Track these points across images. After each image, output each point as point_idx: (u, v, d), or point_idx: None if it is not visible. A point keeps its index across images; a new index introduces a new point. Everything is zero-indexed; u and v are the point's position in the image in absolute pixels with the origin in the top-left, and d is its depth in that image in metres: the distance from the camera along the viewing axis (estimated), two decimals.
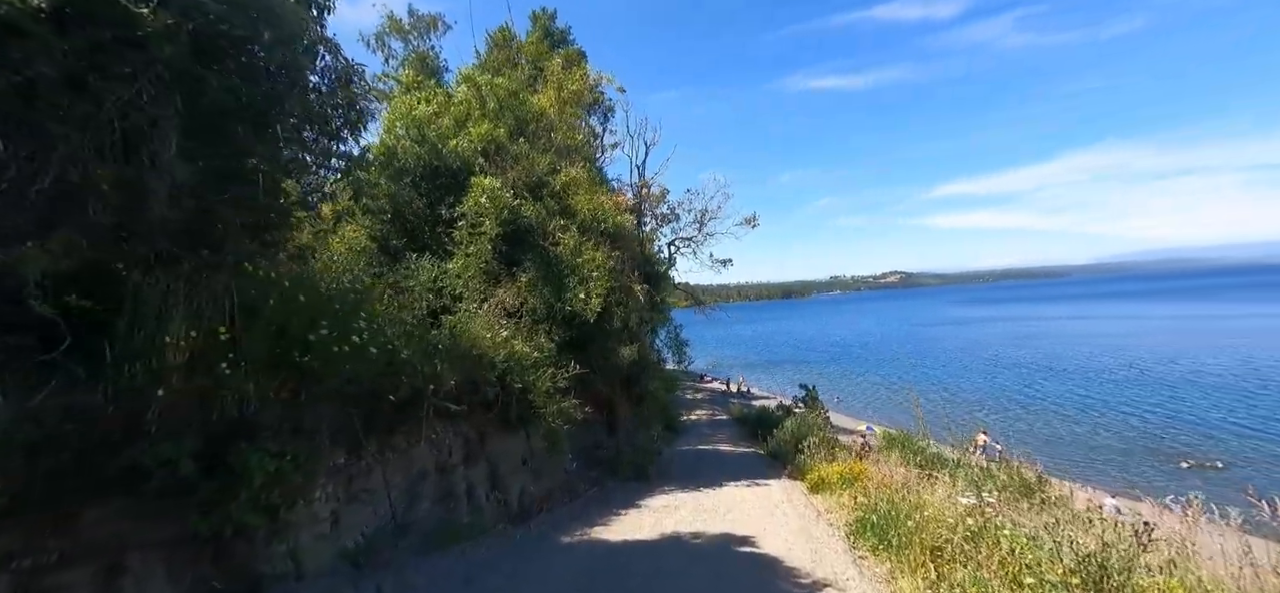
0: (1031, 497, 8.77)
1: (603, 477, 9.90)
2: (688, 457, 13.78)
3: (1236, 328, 58.18)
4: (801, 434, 13.34)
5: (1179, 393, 32.04)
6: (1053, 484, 12.39)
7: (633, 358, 9.48)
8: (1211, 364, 38.91)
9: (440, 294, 9.00)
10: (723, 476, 10.19)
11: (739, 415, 23.00)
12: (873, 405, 34.10)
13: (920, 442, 13.42)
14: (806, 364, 55.17)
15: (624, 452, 10.52)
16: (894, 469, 8.39)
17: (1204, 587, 2.77)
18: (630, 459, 10.50)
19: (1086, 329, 70.30)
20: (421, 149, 10.41)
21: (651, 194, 29.65)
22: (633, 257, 10.90)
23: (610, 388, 10.04)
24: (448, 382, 6.09)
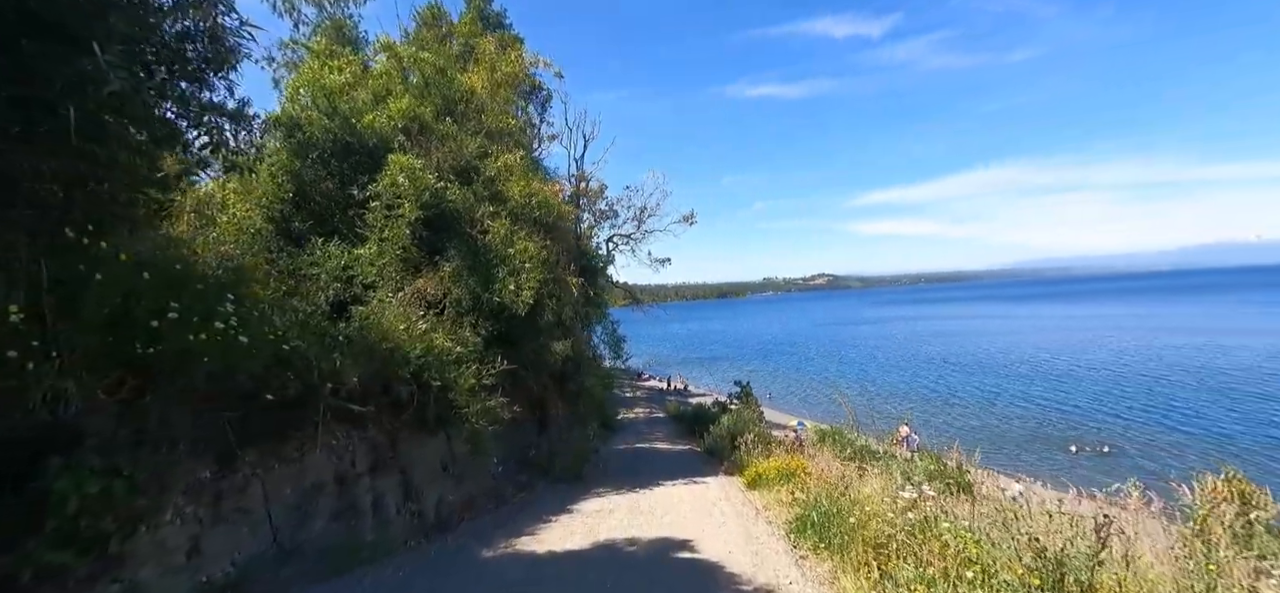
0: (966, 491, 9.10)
1: (533, 480, 9.29)
2: (625, 456, 13.39)
3: (1108, 326, 65.76)
4: (737, 431, 13.31)
5: (1065, 385, 35.53)
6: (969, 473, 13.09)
7: (566, 354, 8.94)
8: (1090, 359, 43.59)
9: (350, 283, 8.04)
10: (660, 475, 9.87)
11: (676, 413, 22.95)
12: (803, 401, 35.33)
13: (850, 435, 13.79)
14: (741, 362, 56.60)
15: (557, 453, 9.95)
16: (830, 464, 8.40)
17: (1152, 581, 2.71)
18: (564, 461, 9.95)
19: (988, 328, 76.93)
20: (331, 122, 9.32)
21: (590, 189, 29.10)
22: (568, 249, 10.36)
23: (542, 386, 9.45)
24: (350, 379, 5.32)
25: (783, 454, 9.86)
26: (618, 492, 8.62)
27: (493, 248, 8.87)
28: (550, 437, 9.98)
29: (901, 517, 4.42)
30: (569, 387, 9.78)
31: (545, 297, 8.83)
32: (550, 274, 8.98)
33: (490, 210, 9.25)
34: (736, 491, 8.42)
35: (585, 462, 10.34)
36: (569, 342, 9.11)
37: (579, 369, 9.93)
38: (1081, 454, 21.66)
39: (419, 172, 8.41)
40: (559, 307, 9.16)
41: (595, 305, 12.62)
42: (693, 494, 8.22)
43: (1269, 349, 42.12)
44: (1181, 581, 2.62)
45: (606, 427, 17.90)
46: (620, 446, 15.71)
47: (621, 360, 21.71)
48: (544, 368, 9.13)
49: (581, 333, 10.69)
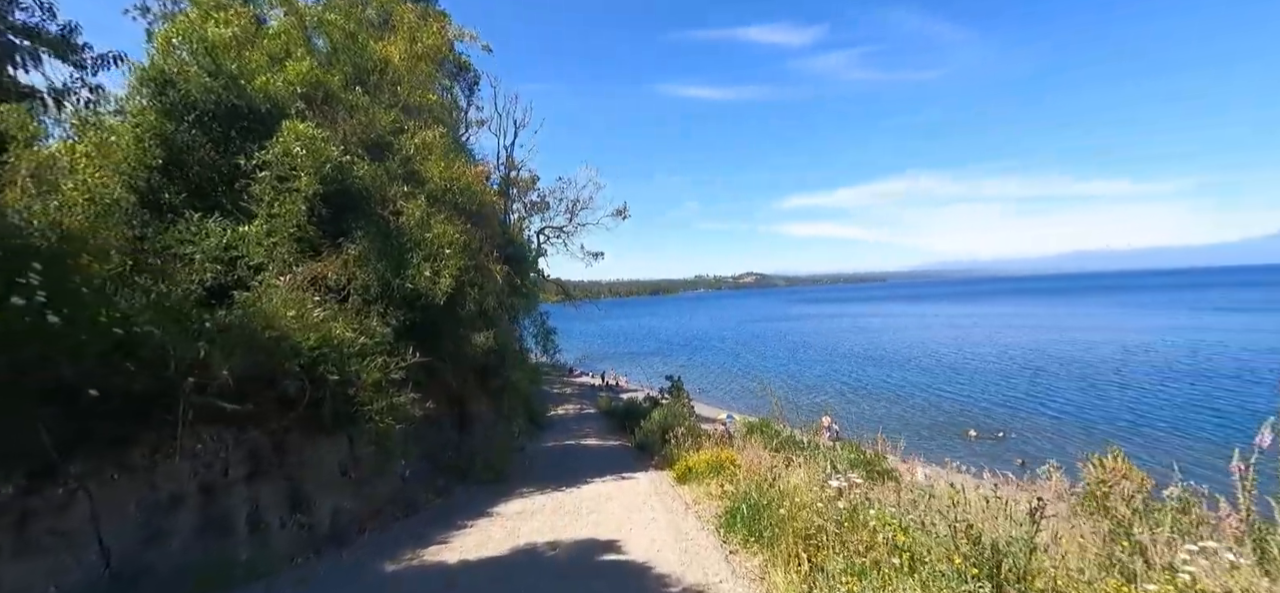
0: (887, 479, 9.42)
1: (451, 483, 8.62)
2: (553, 454, 12.90)
3: (998, 324, 72.91)
4: (668, 425, 13.21)
5: (961, 377, 38.85)
6: (887, 460, 13.76)
7: (489, 347, 8.34)
8: (981, 352, 48.02)
9: (233, 264, 7.01)
10: (589, 472, 9.50)
11: (607, 408, 22.64)
12: (731, 395, 36.22)
13: (776, 427, 14.08)
14: (673, 357, 57.31)
15: (478, 452, 9.31)
16: (759, 455, 8.41)
17: (1079, 565, 2.73)
18: (485, 460, 9.33)
19: (897, 324, 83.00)
20: (214, 81, 8.12)
21: (521, 179, 28.13)
22: (493, 236, 9.70)
23: (462, 380, 8.78)
24: (220, 372, 4.53)
25: (713, 447, 9.82)
26: (543, 491, 8.16)
27: (407, 231, 8.11)
28: (471, 435, 9.32)
29: (830, 507, 4.34)
30: (492, 382, 9.16)
31: (466, 285, 8.18)
32: (472, 261, 8.34)
33: (405, 190, 8.46)
34: (666, 485, 8.23)
35: (509, 461, 9.77)
36: (492, 334, 8.51)
37: (504, 363, 9.33)
38: (978, 440, 23.65)
39: (319, 142, 7.50)
40: (482, 296, 8.53)
41: (523, 297, 11.95)
42: (622, 491, 7.93)
43: (1127, 343, 48.37)
44: (1104, 559, 2.66)
45: (535, 424, 17.26)
46: (549, 443, 15.17)
47: (551, 355, 21.11)
48: (464, 361, 8.48)
49: (507, 325, 10.07)
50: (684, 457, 9.09)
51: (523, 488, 8.50)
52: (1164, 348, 44.15)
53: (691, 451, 9.59)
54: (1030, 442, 23.64)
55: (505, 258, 10.49)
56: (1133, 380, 33.30)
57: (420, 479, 8.26)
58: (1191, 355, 40.47)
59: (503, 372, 9.28)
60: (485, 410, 10.00)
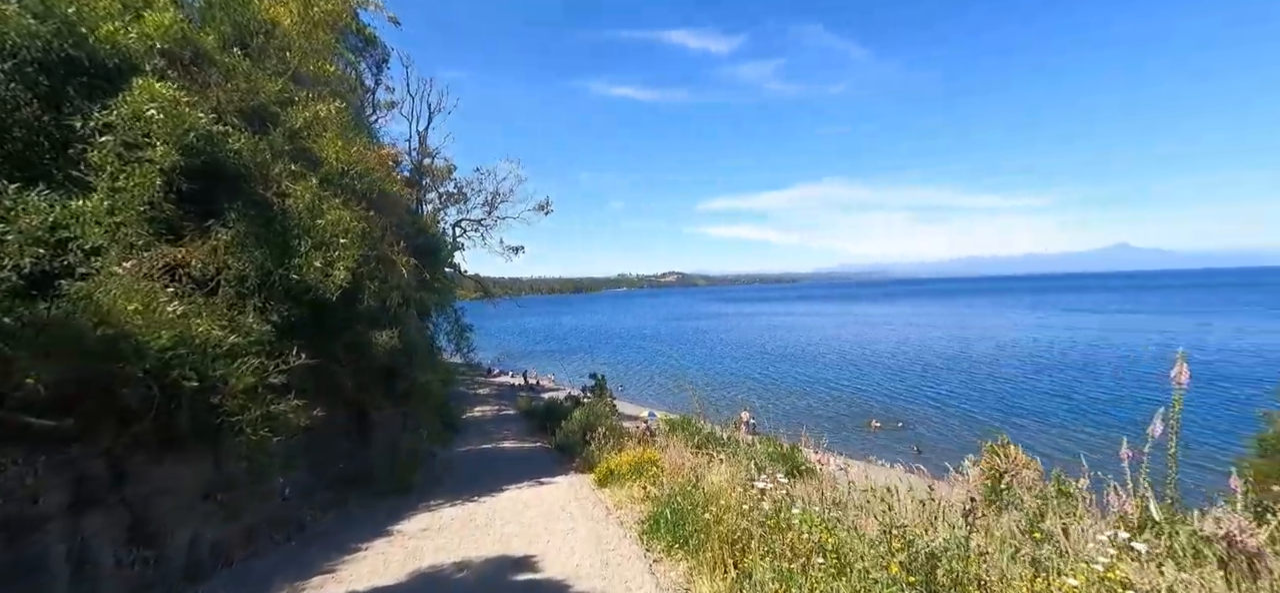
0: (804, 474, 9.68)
1: (346, 497, 7.74)
2: (467, 459, 12.12)
3: (897, 322, 79.73)
4: (590, 424, 12.89)
5: (863, 371, 41.97)
6: (802, 454, 14.30)
7: (393, 346, 7.54)
8: (881, 348, 52.20)
9: (63, 247, 5.77)
10: (504, 478, 8.96)
11: (527, 409, 21.89)
12: (654, 392, 36.54)
13: (698, 423, 14.20)
14: (596, 355, 56.97)
15: (381, 463, 8.45)
16: (681, 454, 8.31)
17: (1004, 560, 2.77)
18: (389, 471, 8.49)
19: (807, 323, 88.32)
20: (42, 25, 6.68)
21: (435, 168, 26.51)
22: (400, 224, 8.85)
23: (362, 384, 7.89)
24: (23, 380, 3.61)
25: (635, 447, 9.64)
26: (454, 503, 7.53)
27: (294, 215, 7.13)
28: (373, 444, 8.43)
29: (755, 508, 4.24)
30: (397, 384, 8.33)
31: (366, 278, 7.33)
32: (373, 252, 7.50)
33: (293, 170, 7.45)
34: (587, 490, 7.90)
35: (417, 470, 8.97)
36: (397, 332, 7.70)
37: (411, 363, 8.51)
38: (880, 431, 25.49)
39: (181, 105, 6.37)
40: (384, 291, 7.70)
41: (435, 292, 11.02)
42: (540, 498, 7.49)
43: (1001, 340, 54.63)
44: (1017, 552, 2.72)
45: (449, 428, 16.24)
46: (463, 448, 14.30)
47: (465, 354, 20.03)
48: (364, 363, 7.61)
49: (416, 323, 9.23)
50: (605, 458, 8.82)
51: (431, 500, 7.81)
52: (1029, 344, 50.47)
53: (613, 451, 9.35)
54: (924, 431, 25.87)
55: (414, 250, 9.64)
56: (1004, 373, 37.65)
57: (309, 496, 7.32)
58: (1048, 351, 46.58)
59: (409, 373, 8.47)
60: (390, 416, 9.10)
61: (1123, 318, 73.27)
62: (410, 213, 8.92)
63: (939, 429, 25.52)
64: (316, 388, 7.21)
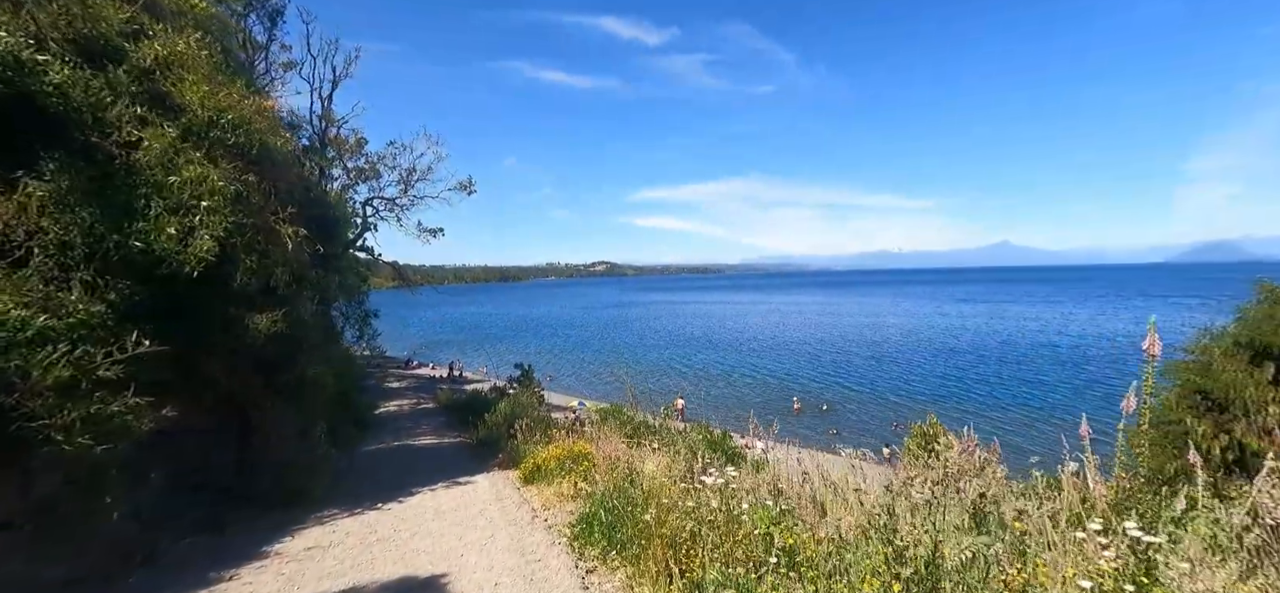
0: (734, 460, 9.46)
1: (221, 514, 6.50)
2: (377, 459, 10.92)
3: (815, 312, 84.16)
4: (515, 416, 12.09)
5: (781, 356, 43.80)
6: (732, 440, 14.28)
7: (275, 332, 6.37)
8: (799, 336, 54.79)
9: None
10: (417, 479, 8.01)
11: (447, 402, 20.52)
12: (583, 381, 35.90)
13: (630, 412, 13.78)
14: (523, 344, 55.25)
15: (266, 469, 7.21)
16: (615, 445, 7.80)
17: None
18: (276, 480, 7.27)
19: (729, 312, 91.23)
20: None
21: (342, 139, 24.02)
22: (289, 189, 7.54)
23: (241, 377, 6.64)
24: None
25: (564, 439, 9.01)
26: (354, 512, 6.55)
27: (141, 170, 5.78)
28: (254, 448, 7.17)
29: (702, 506, 3.80)
30: (282, 377, 7.11)
31: (241, 251, 6.12)
32: (250, 220, 6.28)
33: (138, 113, 6.05)
34: (511, 489, 7.19)
35: (314, 476, 7.78)
36: (281, 315, 6.52)
37: (300, 353, 7.30)
38: (804, 413, 26.52)
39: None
40: (266, 267, 6.50)
41: (336, 273, 9.56)
42: (455, 501, 6.69)
43: (904, 327, 59.08)
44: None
45: (358, 425, 14.72)
46: (374, 446, 12.97)
47: (366, 342, 18.33)
48: (239, 352, 6.38)
49: (310, 306, 7.97)
50: (531, 453, 8.12)
51: (327, 511, 6.75)
52: (928, 331, 55.08)
53: (540, 445, 8.67)
54: (847, 412, 27.22)
55: (309, 223, 8.35)
56: (907, 357, 40.72)
57: (177, 516, 6.05)
58: (944, 335, 51.10)
59: (298, 364, 7.26)
60: (279, 415, 7.82)
61: (1007, 307, 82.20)
62: (317, 186, 7.60)
63: (856, 410, 26.97)
64: (182, 384, 5.96)
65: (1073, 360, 37.28)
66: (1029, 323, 58.72)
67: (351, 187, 25.74)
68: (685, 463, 5.68)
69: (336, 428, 12.56)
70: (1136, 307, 75.94)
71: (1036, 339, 46.75)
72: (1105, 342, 44.44)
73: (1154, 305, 74.72)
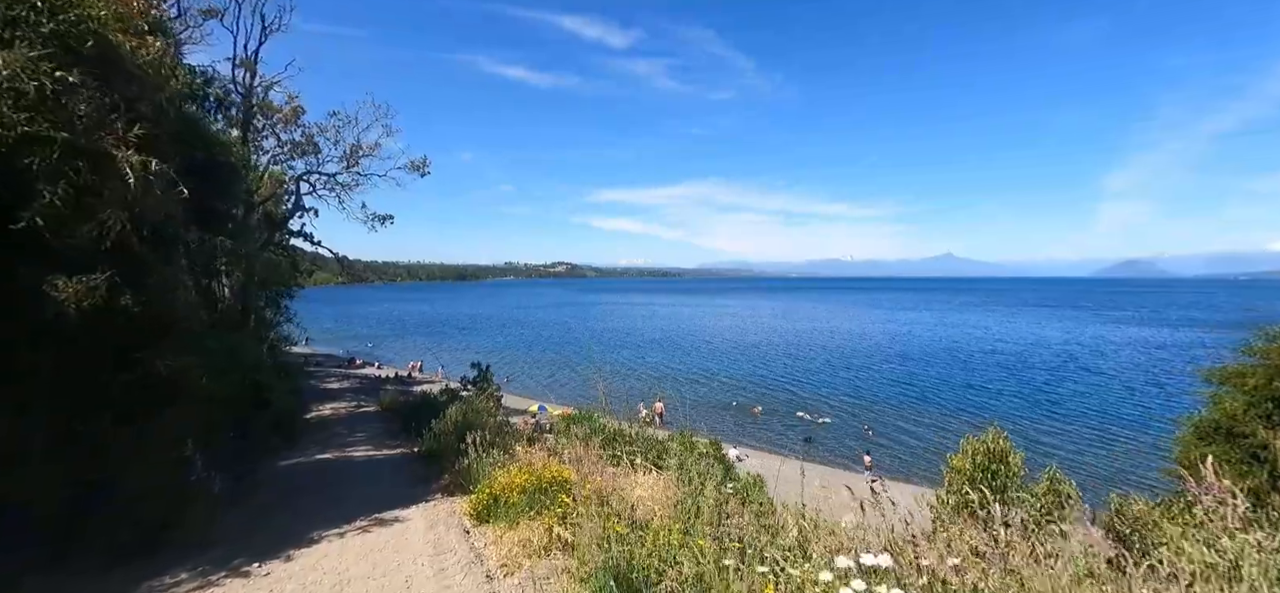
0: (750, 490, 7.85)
1: (24, 565, 4.34)
2: (289, 479, 8.69)
3: (772, 316, 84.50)
4: (468, 424, 10.10)
5: (741, 359, 43.00)
6: (725, 451, 12.66)
7: (99, 301, 4.25)
8: (755, 340, 54.29)
9: None
10: (331, 512, 5.96)
11: (391, 406, 18.10)
12: (544, 384, 33.67)
13: (599, 419, 11.95)
14: (478, 343, 52.19)
15: (111, 504, 5.03)
16: (595, 465, 5.98)
17: None
18: (128, 515, 5.10)
19: (691, 313, 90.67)
20: None
21: (275, 107, 21.11)
22: (154, 111, 5.36)
23: (53, 369, 4.48)
24: None
25: (529, 454, 7.15)
26: (221, 570, 4.51)
27: None
28: (102, 469, 4.97)
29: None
30: (133, 374, 4.95)
31: (38, 178, 4.01)
32: (59, 133, 4.16)
33: None
34: (456, 532, 5.25)
35: (179, 509, 5.61)
36: (109, 276, 4.38)
37: (157, 336, 5.14)
38: (761, 416, 25.54)
39: None
40: (94, 208, 4.39)
41: (227, 234, 7.16)
42: (372, 560, 4.69)
43: (854, 330, 59.82)
44: None
45: (279, 433, 12.28)
46: (295, 459, 10.64)
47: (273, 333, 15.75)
48: (44, 334, 4.22)
49: (178, 276, 5.78)
50: (488, 476, 6.22)
51: (188, 564, 4.67)
52: (878, 335, 55.95)
53: (500, 464, 6.76)
54: (822, 417, 26.22)
55: (189, 166, 6.16)
56: (855, 361, 40.82)
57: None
58: (893, 341, 51.98)
59: (157, 355, 5.10)
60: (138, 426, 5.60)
61: (954, 315, 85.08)
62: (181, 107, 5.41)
63: (835, 417, 26.07)
64: None
65: (1017, 366, 38.21)
66: (975, 330, 60.70)
67: (285, 161, 22.84)
68: (712, 503, 3.99)
69: (248, 438, 10.19)
70: (1069, 317, 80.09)
71: (984, 346, 48.11)
72: (1044, 348, 46.12)
73: (1085, 317, 79.08)
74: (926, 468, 20.36)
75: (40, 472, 4.48)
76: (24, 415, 4.49)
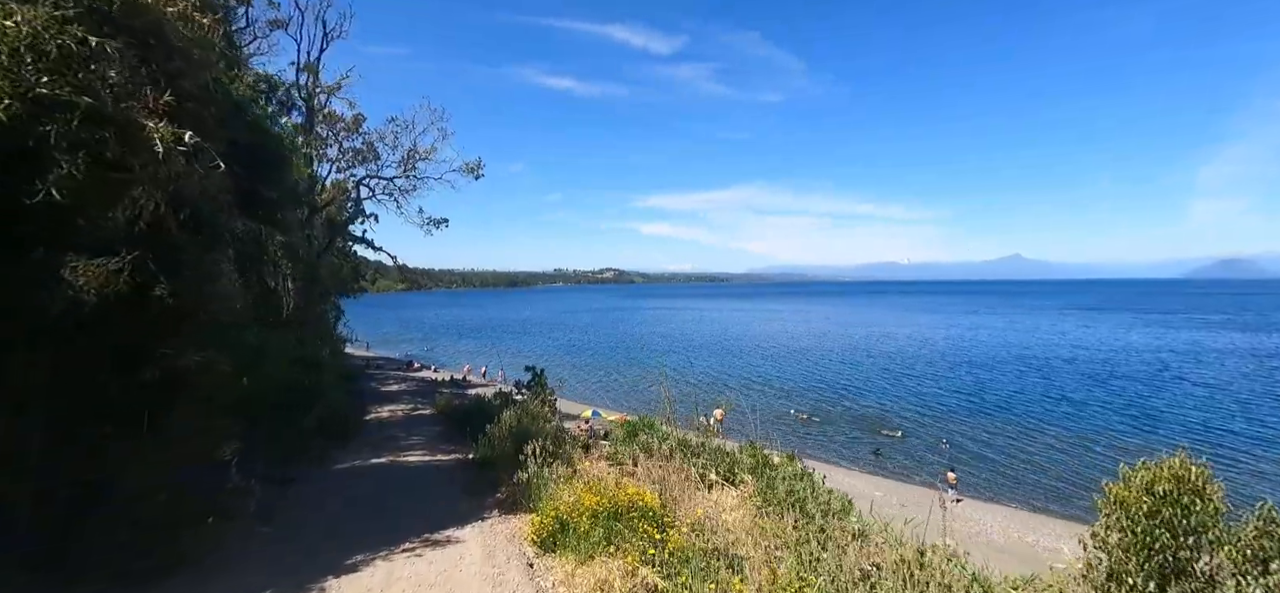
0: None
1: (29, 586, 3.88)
2: (338, 488, 8.28)
3: (823, 321, 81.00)
4: (526, 433, 9.46)
5: (788, 362, 40.98)
6: (797, 464, 11.45)
7: (129, 290, 3.74)
8: (805, 344, 51.73)
9: None
10: (376, 530, 5.34)
11: (445, 409, 17.90)
12: (595, 389, 33.15)
13: (663, 427, 11.02)
14: (528, 348, 52.44)
15: (129, 512, 4.55)
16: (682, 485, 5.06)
17: None
18: (138, 525, 4.60)
19: (743, 319, 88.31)
20: None
21: (337, 116, 21.61)
22: (192, 80, 4.94)
23: (54, 368, 3.99)
24: None
25: (596, 467, 6.34)
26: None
27: None
28: (118, 480, 4.52)
29: None
30: (151, 370, 4.41)
31: (53, 144, 3.52)
32: (80, 96, 3.68)
33: None
34: (517, 564, 4.46)
35: (212, 531, 5.09)
36: (126, 261, 3.85)
37: (175, 327, 4.59)
38: (805, 422, 23.87)
39: None
40: (111, 189, 3.91)
41: (274, 224, 6.64)
42: (422, 590, 3.98)
43: (912, 336, 56.07)
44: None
45: (331, 437, 12.12)
46: (350, 462, 10.34)
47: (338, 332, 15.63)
48: (42, 329, 3.71)
49: (222, 266, 5.33)
50: (552, 493, 5.44)
51: (213, 586, 4.11)
52: (940, 341, 52.17)
53: (564, 479, 5.99)
54: (841, 426, 24.30)
55: (235, 149, 5.76)
56: (916, 368, 37.94)
57: None
58: (957, 347, 48.29)
59: (176, 354, 4.57)
60: (156, 430, 5.12)
61: (1023, 318, 78.98)
62: (223, 84, 4.93)
63: (894, 426, 24.07)
64: None
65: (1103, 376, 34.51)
66: (1049, 336, 55.80)
67: (349, 170, 23.38)
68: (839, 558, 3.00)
69: (291, 442, 9.93)
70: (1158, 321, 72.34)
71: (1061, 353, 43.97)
72: (1133, 356, 41.62)
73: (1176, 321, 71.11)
74: (1016, 488, 18.22)
75: (34, 476, 4.00)
76: (21, 415, 4.01)
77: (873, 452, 21.58)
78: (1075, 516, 15.96)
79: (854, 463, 20.84)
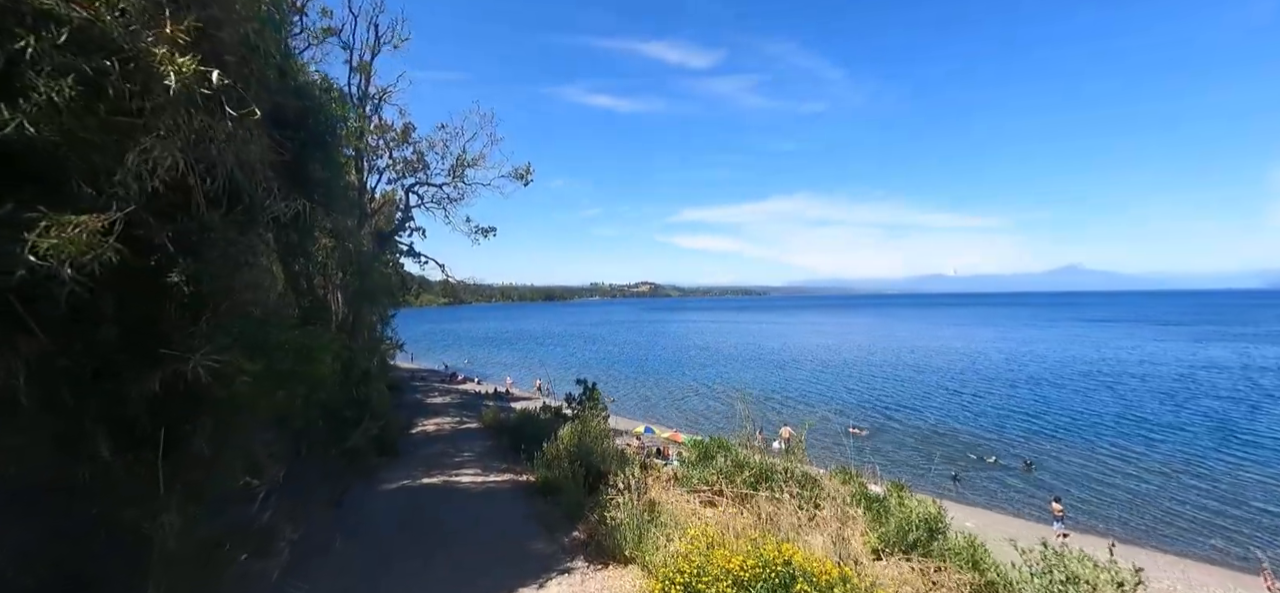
0: None
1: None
2: (389, 516, 7.32)
3: (867, 333, 77.22)
4: (589, 455, 8.34)
5: (841, 375, 38.48)
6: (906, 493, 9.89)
7: (123, 261, 2.79)
8: (853, 357, 48.79)
9: None
10: (442, 567, 4.24)
11: (493, 423, 17.03)
12: (638, 403, 31.86)
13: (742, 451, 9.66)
14: (570, 361, 51.71)
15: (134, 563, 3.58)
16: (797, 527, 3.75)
17: None
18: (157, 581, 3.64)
19: (784, 331, 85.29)
20: None
21: (388, 126, 21.36)
22: (232, 31, 4.07)
23: (57, 375, 3.06)
24: None
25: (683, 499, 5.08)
26: None
27: None
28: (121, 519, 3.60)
29: None
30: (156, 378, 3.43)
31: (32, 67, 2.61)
32: (70, 11, 2.77)
33: None
34: None
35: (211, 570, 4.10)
36: (113, 225, 2.91)
37: (191, 322, 3.60)
38: (859, 437, 21.67)
39: None
40: (122, 128, 2.99)
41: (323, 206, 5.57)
42: None
43: (966, 350, 52.22)
44: None
45: (381, 452, 11.34)
46: (399, 482, 9.47)
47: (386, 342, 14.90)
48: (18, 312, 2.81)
49: (258, 251, 4.38)
50: (651, 538, 4.20)
51: None
52: (996, 356, 48.30)
53: (652, 519, 4.74)
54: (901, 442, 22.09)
55: (280, 119, 4.91)
56: (973, 385, 34.91)
57: None
58: (1015, 362, 44.45)
59: (182, 346, 3.59)
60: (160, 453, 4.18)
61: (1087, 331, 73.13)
62: (264, 34, 4.07)
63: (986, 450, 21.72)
64: None
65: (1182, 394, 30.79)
66: (1117, 350, 50.95)
67: (399, 180, 23.13)
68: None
69: (353, 456, 9.12)
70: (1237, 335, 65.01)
71: (1130, 369, 39.85)
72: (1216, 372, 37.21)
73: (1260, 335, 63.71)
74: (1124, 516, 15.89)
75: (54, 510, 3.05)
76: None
77: (952, 478, 19.43)
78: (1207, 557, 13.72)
79: (933, 487, 18.74)
